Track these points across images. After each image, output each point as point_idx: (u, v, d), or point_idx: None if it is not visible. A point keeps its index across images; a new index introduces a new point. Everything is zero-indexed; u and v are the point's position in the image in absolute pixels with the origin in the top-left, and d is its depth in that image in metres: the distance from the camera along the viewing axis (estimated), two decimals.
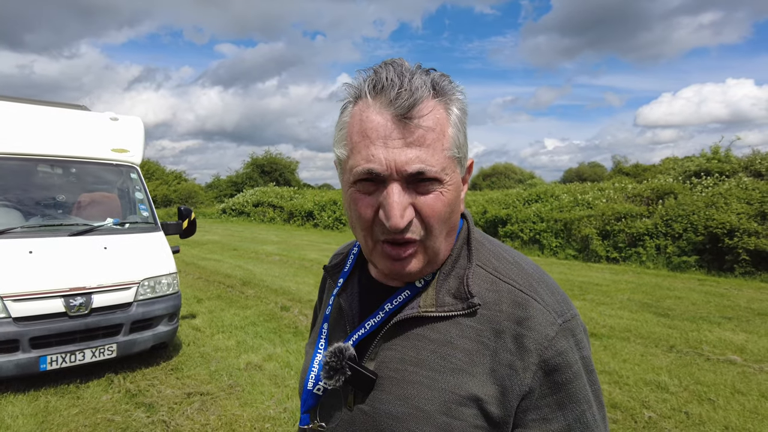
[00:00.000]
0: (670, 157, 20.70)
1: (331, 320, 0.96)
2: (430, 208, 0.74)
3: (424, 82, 0.74)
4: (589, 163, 51.34)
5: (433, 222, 0.75)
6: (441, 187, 0.74)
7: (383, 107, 0.73)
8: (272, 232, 20.14)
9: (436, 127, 0.73)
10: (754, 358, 5.16)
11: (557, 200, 15.36)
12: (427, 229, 0.76)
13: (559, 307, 0.80)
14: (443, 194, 0.75)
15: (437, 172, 0.73)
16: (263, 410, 3.92)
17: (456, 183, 0.78)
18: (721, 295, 8.27)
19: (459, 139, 0.77)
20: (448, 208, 0.76)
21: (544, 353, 0.75)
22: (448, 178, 0.75)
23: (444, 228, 0.78)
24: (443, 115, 0.75)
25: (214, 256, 12.39)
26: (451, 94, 0.78)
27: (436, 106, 0.75)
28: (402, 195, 0.73)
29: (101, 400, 4.05)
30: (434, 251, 0.79)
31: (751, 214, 10.84)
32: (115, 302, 4.31)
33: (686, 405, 4.06)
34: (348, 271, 0.98)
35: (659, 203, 12.77)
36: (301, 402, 0.94)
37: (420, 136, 0.72)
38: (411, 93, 0.71)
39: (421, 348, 0.80)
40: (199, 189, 36.92)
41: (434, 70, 0.78)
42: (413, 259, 0.78)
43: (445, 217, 0.77)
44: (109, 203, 5.07)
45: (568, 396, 0.76)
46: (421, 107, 0.72)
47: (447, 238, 0.81)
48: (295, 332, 6.00)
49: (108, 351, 4.26)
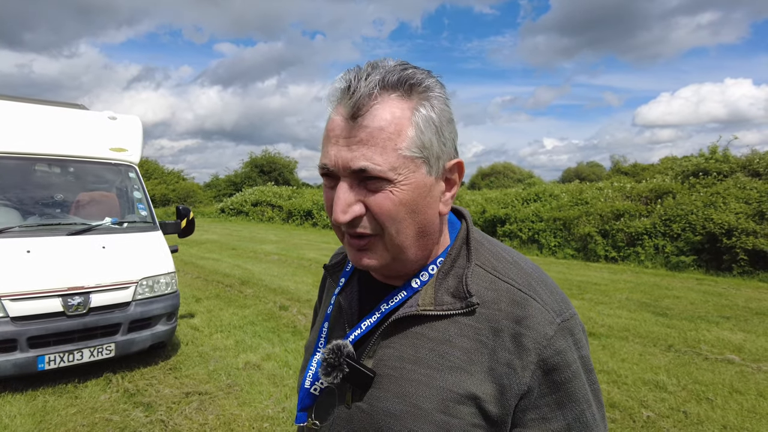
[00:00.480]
0: (669, 157, 20.75)
1: (332, 319, 0.96)
2: (378, 206, 0.75)
3: (377, 81, 0.73)
4: (587, 163, 51.50)
5: (383, 219, 0.75)
6: (391, 186, 0.74)
7: (341, 107, 0.75)
8: (271, 231, 20.13)
9: (388, 126, 0.73)
10: (752, 357, 5.17)
11: (556, 200, 15.38)
12: (380, 226, 0.76)
13: (558, 306, 0.80)
14: (393, 193, 0.74)
15: (383, 171, 0.73)
16: (262, 410, 3.92)
17: (415, 183, 0.75)
18: (720, 294, 8.29)
19: (423, 139, 0.75)
20: (400, 207, 0.75)
21: (543, 352, 0.75)
22: (400, 177, 0.74)
23: (401, 227, 0.77)
24: (402, 114, 0.74)
25: (213, 256, 12.38)
26: (423, 93, 0.76)
27: (395, 104, 0.74)
28: (348, 191, 0.75)
29: (99, 399, 4.04)
30: (397, 248, 0.78)
31: (749, 214, 10.87)
32: (114, 302, 4.31)
33: (684, 404, 4.07)
34: (350, 270, 0.99)
35: (658, 203, 12.79)
36: (298, 400, 0.94)
37: (368, 134, 0.73)
38: (358, 93, 0.73)
39: (419, 346, 0.80)
40: (198, 188, 36.89)
41: (415, 68, 0.77)
42: (370, 252, 0.79)
43: (399, 216, 0.75)
44: (108, 202, 5.06)
45: (567, 395, 0.76)
46: (372, 107, 0.73)
47: (416, 239, 0.80)
48: (294, 331, 6.00)
49: (106, 350, 4.25)
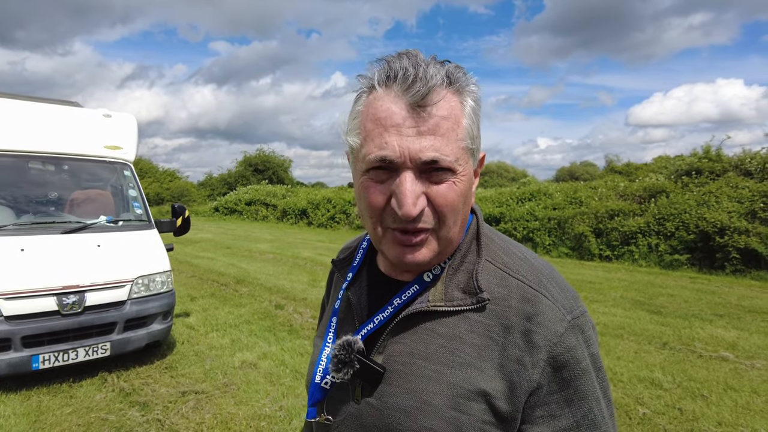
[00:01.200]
0: (662, 156, 20.87)
1: (340, 314, 0.96)
2: (443, 197, 0.74)
3: (438, 71, 0.73)
4: (581, 162, 51.75)
5: (446, 212, 0.75)
6: (454, 177, 0.74)
7: (397, 96, 0.73)
8: (265, 230, 20.08)
9: (450, 116, 0.73)
10: (745, 354, 5.22)
11: (550, 199, 15.44)
12: (439, 218, 0.76)
13: (569, 303, 0.80)
14: (456, 184, 0.74)
15: (451, 162, 0.73)
16: (258, 408, 3.91)
17: (468, 174, 0.77)
18: (713, 292, 8.36)
19: (473, 131, 0.77)
20: (460, 198, 0.76)
21: (553, 349, 0.75)
22: (461, 168, 0.75)
23: (456, 218, 0.78)
24: (457, 106, 0.75)
25: (208, 255, 12.33)
26: (465, 85, 0.77)
27: (450, 96, 0.74)
28: (415, 183, 0.73)
29: (95, 399, 4.01)
30: (446, 241, 0.79)
31: (742, 213, 10.96)
32: (109, 300, 4.28)
33: (680, 401, 4.10)
34: (357, 265, 0.98)
35: (651, 202, 12.87)
36: (308, 395, 0.93)
37: (434, 124, 0.72)
38: (425, 82, 0.71)
39: (429, 342, 0.80)
40: (192, 187, 36.72)
41: (449, 62, 0.78)
42: (424, 247, 0.78)
43: (458, 208, 0.76)
44: (103, 201, 5.02)
45: (576, 392, 0.76)
46: (436, 96, 0.72)
47: (460, 230, 0.81)
48: (290, 330, 5.98)
49: (101, 350, 4.22)
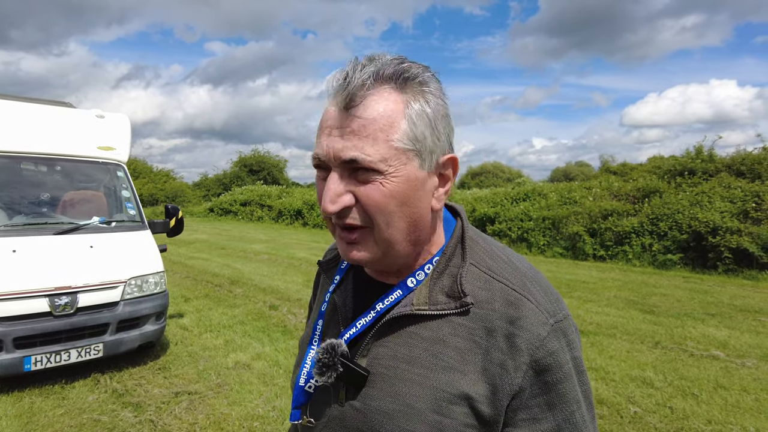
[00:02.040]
0: (656, 156, 20.96)
1: (326, 317, 0.96)
2: (367, 197, 0.74)
3: (371, 73, 0.74)
4: (576, 163, 51.87)
5: (373, 211, 0.75)
6: (381, 178, 0.73)
7: (334, 99, 0.76)
8: (260, 230, 20.04)
9: (380, 117, 0.73)
10: (736, 353, 5.26)
11: (545, 199, 15.48)
12: (370, 218, 0.76)
13: (552, 307, 0.80)
14: (383, 185, 0.73)
15: (373, 162, 0.72)
16: (252, 409, 3.91)
17: (406, 175, 0.75)
18: (705, 292, 8.41)
19: (415, 132, 0.75)
20: (390, 199, 0.74)
21: (536, 353, 0.75)
22: (391, 169, 0.73)
23: (391, 219, 0.76)
24: (395, 107, 0.74)
25: (202, 255, 12.30)
26: (418, 87, 0.77)
27: (389, 96, 0.74)
28: (338, 182, 0.75)
29: (87, 400, 4.00)
30: (386, 242, 0.78)
31: (734, 213, 11.04)
32: (102, 301, 4.27)
33: (671, 400, 4.12)
34: (345, 268, 0.98)
35: (645, 202, 12.94)
36: (292, 398, 0.93)
37: (360, 125, 0.73)
38: (352, 84, 0.73)
39: (413, 346, 0.80)
40: (187, 188, 36.59)
41: (413, 63, 0.78)
42: (361, 246, 0.79)
43: (389, 209, 0.75)
44: (95, 201, 5.01)
45: (558, 396, 0.76)
46: (361, 98, 0.73)
47: (409, 233, 0.79)
48: (284, 331, 5.98)
49: (94, 351, 4.21)
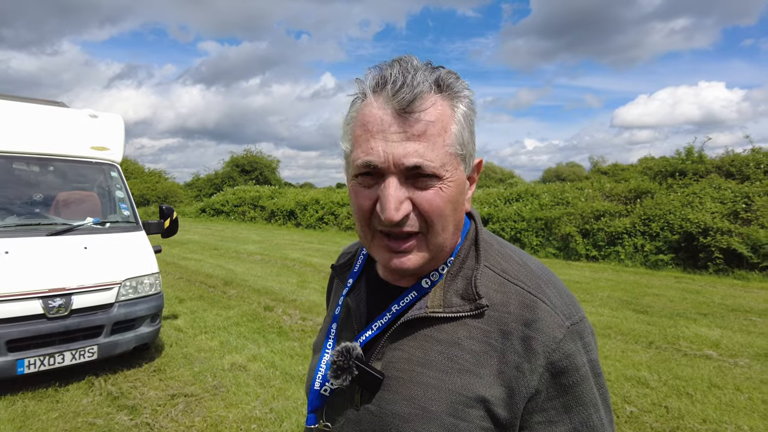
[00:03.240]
0: (647, 157, 21.14)
1: (340, 320, 0.96)
2: (428, 203, 0.74)
3: (427, 78, 0.74)
4: (567, 164, 52.23)
5: (433, 217, 0.75)
6: (440, 183, 0.74)
7: (385, 102, 0.74)
8: (253, 231, 19.95)
9: (437, 122, 0.73)
10: (729, 352, 5.32)
11: (537, 199, 15.56)
12: (427, 224, 0.76)
13: (568, 309, 0.79)
14: (443, 190, 0.74)
15: (436, 168, 0.73)
16: (249, 411, 3.89)
17: (458, 180, 0.77)
18: (697, 292, 8.50)
19: (463, 137, 0.77)
20: (448, 204, 0.76)
21: (552, 355, 0.75)
22: (448, 174, 0.75)
23: (446, 224, 0.77)
24: (447, 111, 0.75)
25: (195, 256, 12.22)
26: (457, 91, 0.78)
27: (439, 102, 0.75)
28: (399, 188, 0.73)
29: (81, 403, 3.96)
30: (437, 247, 0.79)
31: (724, 213, 11.16)
32: (96, 303, 4.22)
33: (666, 399, 4.16)
34: (358, 271, 0.98)
35: (637, 203, 13.05)
36: (308, 402, 0.93)
37: (419, 130, 0.72)
38: (412, 88, 0.72)
39: (428, 348, 0.80)
40: (178, 188, 36.35)
41: (442, 68, 0.78)
42: (413, 254, 0.78)
43: (446, 214, 0.76)
44: (89, 202, 4.96)
45: (575, 399, 0.76)
46: (422, 102, 0.73)
47: (452, 236, 0.81)
48: (280, 332, 5.96)
49: (88, 353, 4.17)
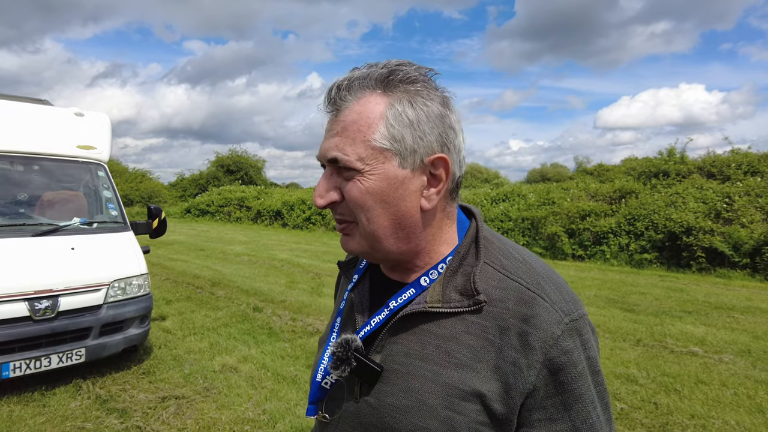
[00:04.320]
0: (630, 158, 21.44)
1: (344, 315, 0.98)
2: (347, 193, 0.80)
3: (360, 79, 0.80)
4: (551, 164, 52.74)
5: (353, 206, 0.80)
6: (359, 176, 0.78)
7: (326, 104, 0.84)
8: (239, 231, 19.80)
9: (360, 119, 0.78)
10: (714, 349, 5.42)
11: (524, 200, 15.70)
12: (353, 213, 0.81)
13: (567, 306, 0.79)
14: (361, 182, 0.78)
15: (350, 161, 0.77)
16: (241, 413, 3.86)
17: (383, 174, 0.78)
18: (681, 290, 8.65)
19: (393, 132, 0.77)
20: (367, 195, 0.78)
21: (549, 352, 0.75)
22: (368, 167, 0.77)
23: (372, 216, 0.79)
24: (377, 108, 0.77)
25: (181, 257, 12.08)
26: (403, 89, 0.79)
27: (372, 99, 0.78)
28: (327, 179, 0.82)
29: (69, 407, 3.88)
30: (371, 236, 0.81)
31: (706, 213, 11.39)
32: (84, 305, 4.15)
33: (655, 396, 4.23)
34: (363, 267, 1.00)
35: (622, 203, 13.24)
36: (309, 393, 0.95)
37: (342, 127, 0.79)
38: (335, 92, 0.80)
39: (426, 342, 0.81)
40: (163, 188, 35.93)
41: (411, 66, 0.80)
42: (351, 237, 0.85)
43: (367, 205, 0.79)
44: (75, 202, 4.87)
45: (574, 396, 0.76)
46: (347, 103, 0.79)
47: (395, 230, 0.81)
48: (270, 333, 5.92)
49: (76, 356, 4.09)
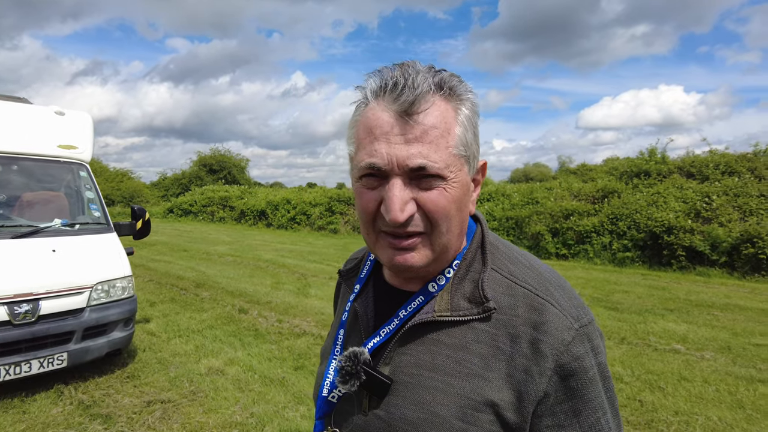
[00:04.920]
0: (612, 158, 21.79)
1: (348, 326, 0.95)
2: (432, 203, 0.74)
3: (428, 80, 0.75)
4: (534, 164, 53.30)
5: (437, 217, 0.75)
6: (444, 184, 0.74)
7: (387, 105, 0.75)
8: (223, 232, 19.59)
9: (440, 124, 0.74)
10: (695, 346, 5.53)
11: (508, 199, 15.82)
12: (431, 224, 0.76)
13: (576, 311, 0.79)
14: (447, 191, 0.75)
15: (439, 169, 0.73)
16: (229, 416, 3.81)
17: (462, 181, 0.77)
18: (663, 288, 8.81)
19: (466, 138, 0.77)
20: (452, 204, 0.76)
21: (561, 358, 0.75)
22: (452, 175, 0.75)
23: (450, 225, 0.77)
24: (449, 114, 0.75)
25: (164, 258, 11.90)
26: (460, 93, 0.78)
27: (441, 104, 0.75)
28: (403, 190, 0.74)
29: (51, 413, 3.79)
30: (441, 247, 0.79)
31: (686, 212, 11.60)
32: (66, 308, 4.05)
33: (640, 393, 4.29)
34: (365, 276, 0.97)
35: (605, 202, 13.42)
36: (315, 408, 0.92)
37: (422, 132, 0.73)
38: (413, 90, 0.73)
39: (436, 353, 0.80)
40: (144, 187, 35.40)
41: (444, 71, 0.78)
42: (416, 251, 0.78)
43: (450, 214, 0.76)
44: (57, 203, 4.75)
45: (584, 402, 0.76)
46: (424, 104, 0.73)
47: (457, 237, 0.81)
48: (256, 335, 5.86)
49: (58, 360, 3.99)
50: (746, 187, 12.07)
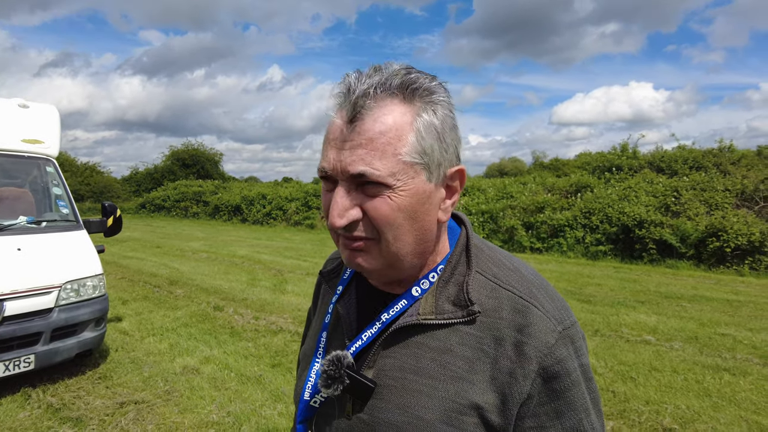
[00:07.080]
0: (585, 153, 22.21)
1: (330, 328, 0.93)
2: (375, 211, 0.73)
3: (383, 85, 0.72)
4: (509, 159, 53.98)
5: (380, 225, 0.74)
6: (389, 192, 0.72)
7: (341, 111, 0.74)
8: (197, 228, 19.27)
9: (389, 131, 0.71)
10: (665, 337, 5.69)
11: (483, 194, 15.99)
12: (378, 231, 0.75)
13: (559, 314, 0.80)
14: (392, 199, 0.72)
15: (381, 176, 0.71)
16: (205, 415, 3.75)
17: (414, 189, 0.74)
18: (634, 280, 9.04)
19: (423, 145, 0.74)
20: (398, 213, 0.73)
21: (544, 360, 0.75)
22: (399, 183, 0.72)
23: (398, 233, 0.75)
24: (405, 119, 0.73)
25: (137, 255, 11.64)
26: (426, 98, 0.75)
27: (398, 109, 0.73)
28: (345, 196, 0.73)
29: (18, 418, 3.67)
30: (392, 255, 0.77)
31: (657, 206, 11.93)
32: (33, 309, 3.91)
33: (612, 384, 4.39)
34: (348, 278, 0.96)
35: (578, 196, 13.68)
36: (296, 413, 0.91)
37: (368, 139, 0.71)
38: (358, 97, 0.72)
39: (420, 356, 0.79)
40: (115, 182, 34.53)
41: (420, 73, 0.76)
42: (363, 254, 0.77)
43: (397, 222, 0.74)
44: (21, 199, 4.58)
45: (566, 404, 0.76)
46: (375, 111, 0.71)
47: (414, 246, 0.78)
48: (232, 332, 5.79)
49: (24, 363, 3.86)
50: (712, 182, 12.47)
